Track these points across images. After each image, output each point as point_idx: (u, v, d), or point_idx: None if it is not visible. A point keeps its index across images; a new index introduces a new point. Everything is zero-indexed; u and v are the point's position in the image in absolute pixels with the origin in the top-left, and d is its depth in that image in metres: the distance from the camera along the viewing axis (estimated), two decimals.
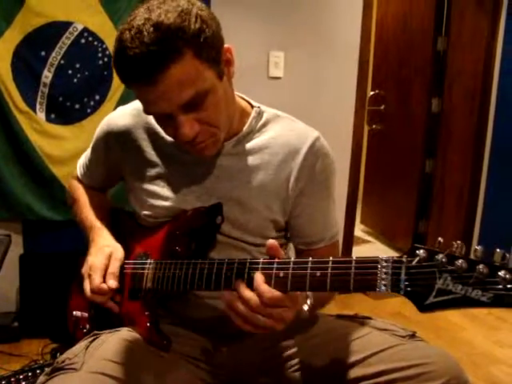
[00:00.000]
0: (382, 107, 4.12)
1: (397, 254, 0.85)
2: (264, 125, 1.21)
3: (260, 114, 1.21)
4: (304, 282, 0.90)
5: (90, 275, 1.10)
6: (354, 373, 1.06)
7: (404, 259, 0.83)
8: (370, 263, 0.86)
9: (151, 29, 0.92)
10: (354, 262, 0.87)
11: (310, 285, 0.90)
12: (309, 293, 1.05)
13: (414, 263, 0.82)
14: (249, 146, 1.18)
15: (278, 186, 1.17)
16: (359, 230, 4.43)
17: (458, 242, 0.80)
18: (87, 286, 1.10)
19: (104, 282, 1.09)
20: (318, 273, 0.89)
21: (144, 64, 0.93)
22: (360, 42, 3.08)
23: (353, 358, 1.08)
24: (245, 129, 1.18)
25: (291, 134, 1.20)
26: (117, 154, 1.25)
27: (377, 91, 4.17)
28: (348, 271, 0.87)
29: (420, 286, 0.81)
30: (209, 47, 0.98)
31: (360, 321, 1.20)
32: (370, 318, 1.21)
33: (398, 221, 4.06)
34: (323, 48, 3.02)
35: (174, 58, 0.93)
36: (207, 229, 1.15)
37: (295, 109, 1.43)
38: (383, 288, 0.84)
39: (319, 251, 1.23)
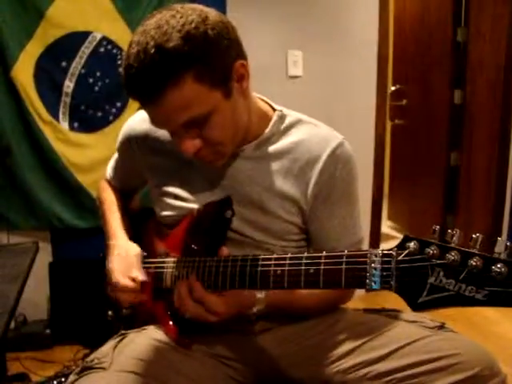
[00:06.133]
0: (404, 102, 4.08)
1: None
2: (286, 129, 1.18)
3: (282, 117, 1.18)
4: (299, 279, 0.87)
5: (113, 281, 1.12)
6: (385, 366, 1.05)
7: (394, 252, 0.76)
8: (360, 257, 0.80)
9: (153, 50, 0.91)
10: (345, 256, 0.82)
11: (304, 282, 0.87)
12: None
13: (402, 257, 0.75)
14: (270, 150, 1.17)
15: (298, 192, 1.15)
16: (386, 227, 4.38)
17: (456, 230, 0.72)
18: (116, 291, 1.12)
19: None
20: (312, 269, 0.86)
21: (142, 84, 0.94)
22: (378, 38, 3.06)
23: (382, 351, 1.07)
24: (266, 132, 1.16)
25: (313, 140, 1.16)
26: (138, 158, 1.26)
27: (398, 86, 4.13)
28: (339, 267, 0.82)
29: (412, 283, 0.73)
30: (213, 69, 0.96)
31: (388, 314, 1.19)
32: (397, 311, 1.19)
33: (426, 215, 4.00)
34: (341, 45, 3.00)
35: (171, 83, 0.92)
36: (218, 224, 1.14)
37: (316, 107, 1.42)
38: (374, 285, 0.77)
39: None
